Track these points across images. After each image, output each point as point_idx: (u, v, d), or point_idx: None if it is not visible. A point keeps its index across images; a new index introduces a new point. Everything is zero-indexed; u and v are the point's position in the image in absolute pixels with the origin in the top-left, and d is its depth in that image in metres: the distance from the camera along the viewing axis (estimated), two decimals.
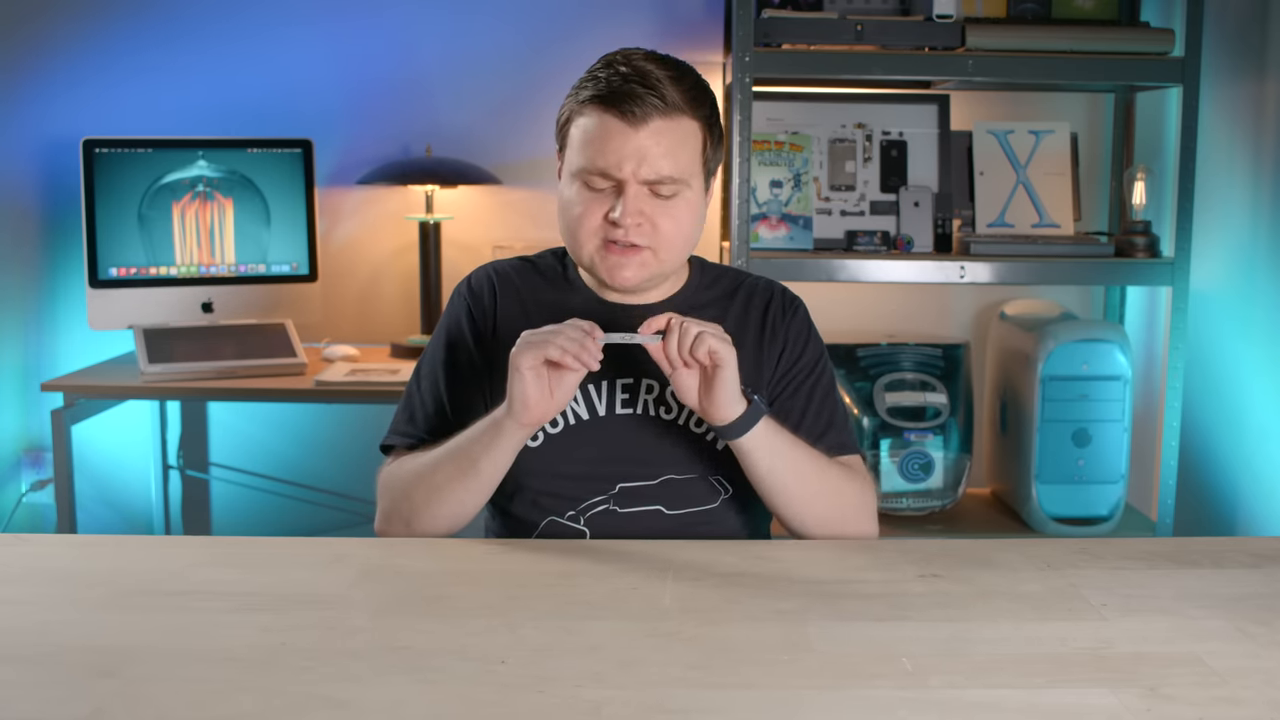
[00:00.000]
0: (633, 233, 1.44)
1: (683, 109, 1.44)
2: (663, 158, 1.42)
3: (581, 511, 1.48)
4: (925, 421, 2.69)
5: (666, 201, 1.45)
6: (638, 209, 1.43)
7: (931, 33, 2.56)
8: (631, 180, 1.43)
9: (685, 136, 1.44)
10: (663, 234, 1.45)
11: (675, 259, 1.50)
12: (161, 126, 2.91)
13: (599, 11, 2.96)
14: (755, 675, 1.05)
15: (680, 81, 1.44)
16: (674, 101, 1.43)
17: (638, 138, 1.42)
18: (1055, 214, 2.74)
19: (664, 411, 1.50)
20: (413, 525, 1.49)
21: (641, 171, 1.42)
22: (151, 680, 1.03)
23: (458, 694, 1.01)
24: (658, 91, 1.42)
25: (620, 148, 1.42)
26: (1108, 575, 1.31)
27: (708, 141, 1.48)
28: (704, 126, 1.47)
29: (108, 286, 2.72)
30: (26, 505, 3.03)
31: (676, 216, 1.46)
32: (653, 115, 1.42)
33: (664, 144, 1.42)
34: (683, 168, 1.44)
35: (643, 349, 1.42)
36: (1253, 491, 2.52)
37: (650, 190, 1.44)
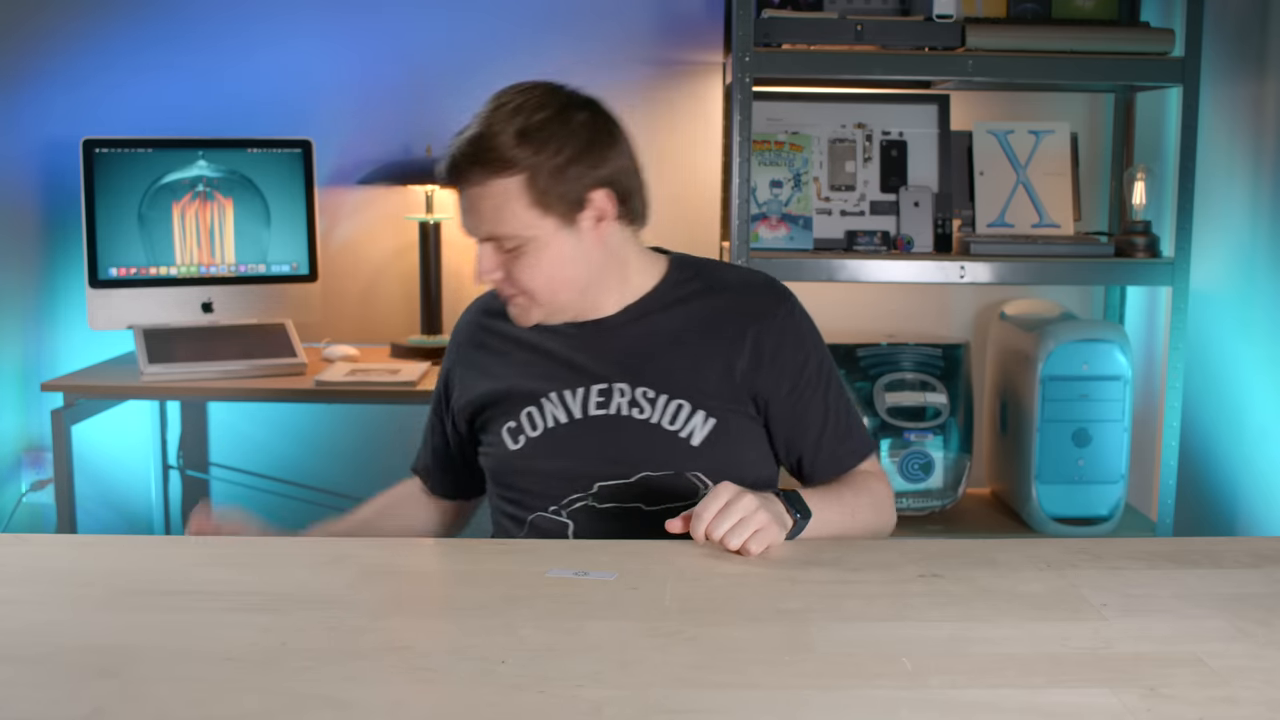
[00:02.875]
0: (498, 286, 1.51)
1: (494, 168, 1.45)
2: (484, 221, 1.47)
3: (564, 506, 1.54)
4: (925, 421, 2.69)
5: (513, 254, 1.48)
6: (486, 267, 1.50)
7: (931, 33, 2.56)
8: (477, 240, 1.50)
9: (499, 195, 1.45)
10: (521, 284, 1.50)
11: (559, 299, 1.52)
12: (161, 126, 2.91)
13: (599, 11, 2.96)
14: (756, 675, 1.05)
15: (497, 136, 1.45)
16: (484, 164, 1.45)
17: (463, 203, 1.49)
18: (1055, 214, 2.74)
19: (637, 412, 1.53)
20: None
21: (475, 233, 1.49)
22: (151, 680, 1.03)
23: (458, 694, 1.01)
24: (469, 155, 1.46)
25: (459, 213, 1.51)
26: (1108, 575, 1.31)
27: (536, 190, 1.45)
28: (525, 178, 1.45)
29: (108, 286, 2.72)
30: (26, 505, 3.03)
31: (530, 266, 1.48)
32: (465, 183, 1.47)
33: (481, 208, 1.47)
34: (507, 223, 1.46)
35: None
36: (1253, 491, 2.52)
37: (495, 247, 1.49)
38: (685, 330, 1.55)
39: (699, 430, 1.52)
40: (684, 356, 1.54)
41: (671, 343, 1.55)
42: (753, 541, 1.36)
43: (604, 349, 1.55)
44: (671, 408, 1.52)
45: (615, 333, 1.56)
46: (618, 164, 1.51)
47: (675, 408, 1.52)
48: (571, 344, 1.56)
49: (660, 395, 1.52)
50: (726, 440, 1.53)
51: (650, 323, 1.56)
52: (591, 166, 1.49)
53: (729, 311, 1.56)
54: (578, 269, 1.51)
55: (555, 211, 1.47)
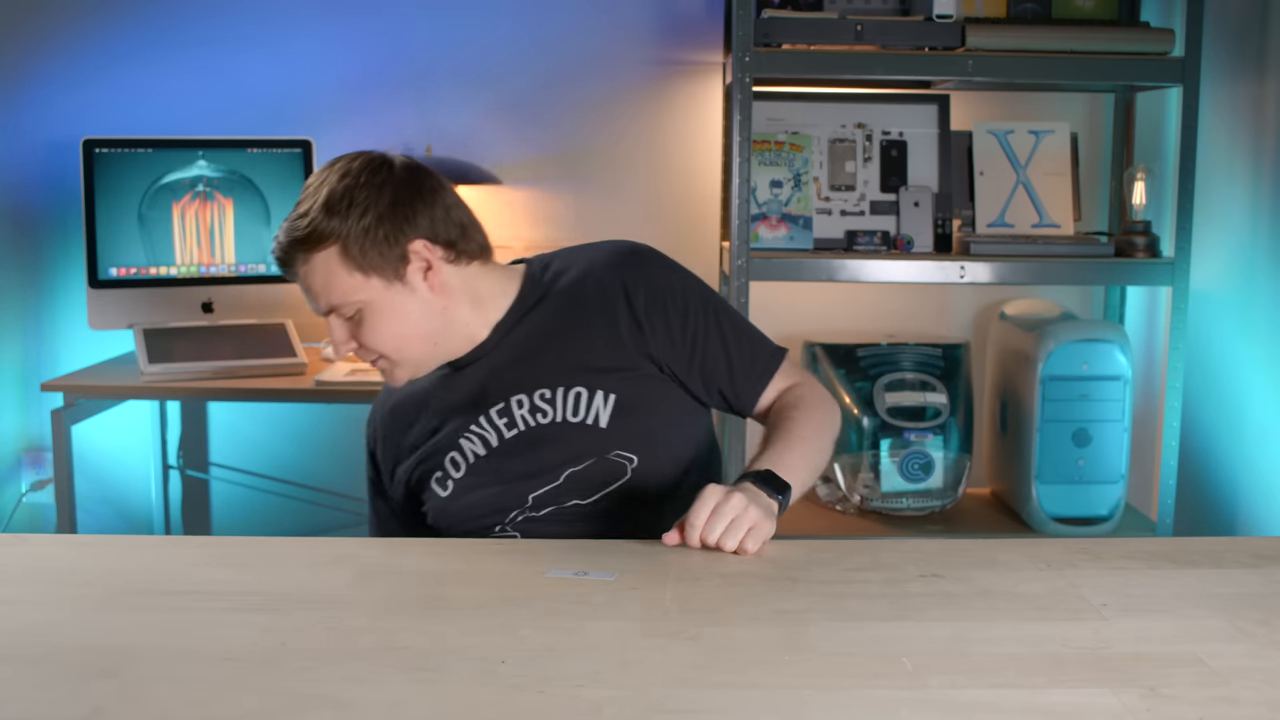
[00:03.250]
0: (358, 354, 1.55)
1: (309, 246, 1.50)
2: (316, 295, 1.52)
3: (508, 523, 1.57)
4: (925, 421, 2.69)
5: (355, 321, 1.52)
6: (338, 339, 1.54)
7: (931, 33, 2.56)
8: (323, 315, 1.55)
9: (320, 269, 1.50)
10: (374, 347, 1.54)
11: (413, 353, 1.55)
12: (161, 126, 2.91)
13: (599, 11, 2.96)
14: (756, 675, 1.05)
15: (306, 215, 1.50)
16: (300, 241, 1.50)
17: (300, 283, 1.54)
18: (1055, 214, 2.75)
19: (541, 417, 1.55)
20: None
21: (316, 310, 1.54)
22: (151, 680, 1.03)
23: (458, 694, 1.01)
24: (286, 243, 1.51)
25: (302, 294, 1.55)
26: (1108, 575, 1.31)
27: (351, 257, 1.49)
28: (338, 246, 1.49)
29: (108, 286, 2.72)
30: (26, 505, 3.03)
31: (373, 329, 1.52)
32: (289, 268, 1.53)
33: (310, 285, 1.52)
34: (337, 292, 1.50)
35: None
36: (1253, 491, 2.52)
37: (339, 318, 1.53)
38: (555, 321, 1.58)
39: (603, 411, 1.54)
40: (563, 345, 1.57)
41: (547, 338, 1.58)
42: (748, 540, 1.37)
43: (490, 374, 1.58)
44: (571, 399, 1.55)
45: (491, 355, 1.58)
46: (430, 213, 1.54)
47: (575, 397, 1.55)
48: (460, 382, 1.60)
49: (556, 390, 1.55)
50: (633, 410, 1.54)
51: (520, 331, 1.58)
52: (402, 222, 1.52)
53: (591, 287, 1.58)
54: (421, 321, 1.54)
55: (377, 272, 1.51)
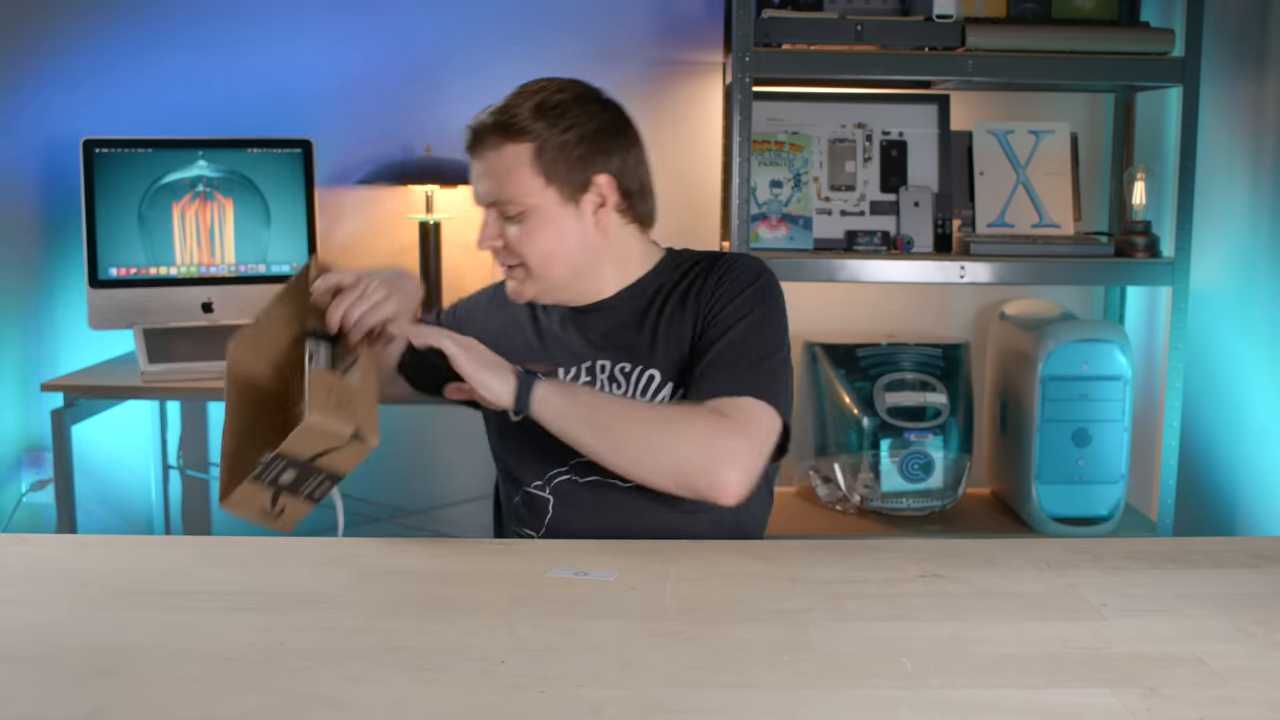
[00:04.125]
0: (500, 255, 1.59)
1: (509, 134, 1.56)
2: (491, 185, 1.57)
3: (546, 481, 1.60)
4: (925, 421, 2.69)
5: (515, 222, 1.57)
6: (487, 234, 1.58)
7: (931, 33, 2.56)
8: (481, 205, 1.59)
9: (509, 159, 1.56)
10: (521, 254, 1.57)
11: (554, 274, 1.59)
12: (161, 126, 2.91)
13: (599, 11, 2.96)
14: (756, 675, 1.05)
15: (523, 104, 1.58)
16: (501, 129, 1.56)
17: (475, 169, 1.59)
18: (1055, 214, 2.75)
19: (615, 387, 1.59)
20: None
21: (479, 196, 1.59)
22: (151, 680, 1.03)
23: (458, 694, 1.01)
24: (488, 123, 1.58)
25: (473, 180, 1.61)
26: (1108, 575, 1.31)
27: (543, 161, 1.55)
28: (534, 148, 1.55)
29: (108, 286, 2.72)
30: (26, 505, 3.03)
31: (530, 235, 1.56)
32: (479, 147, 1.58)
33: (491, 172, 1.57)
34: (514, 188, 1.55)
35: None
36: (1253, 491, 2.52)
37: (499, 213, 1.57)
38: (664, 306, 1.61)
39: (666, 400, 1.57)
40: (658, 329, 1.60)
41: (650, 318, 1.61)
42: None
43: (593, 330, 1.62)
44: (644, 380, 1.58)
45: (605, 315, 1.62)
46: (625, 157, 1.60)
47: (647, 379, 1.58)
48: (565, 326, 1.64)
49: (635, 368, 1.58)
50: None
51: (636, 304, 1.63)
52: (598, 151, 1.58)
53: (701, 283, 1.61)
54: (573, 248, 1.58)
55: (558, 186, 1.56)
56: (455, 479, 3.03)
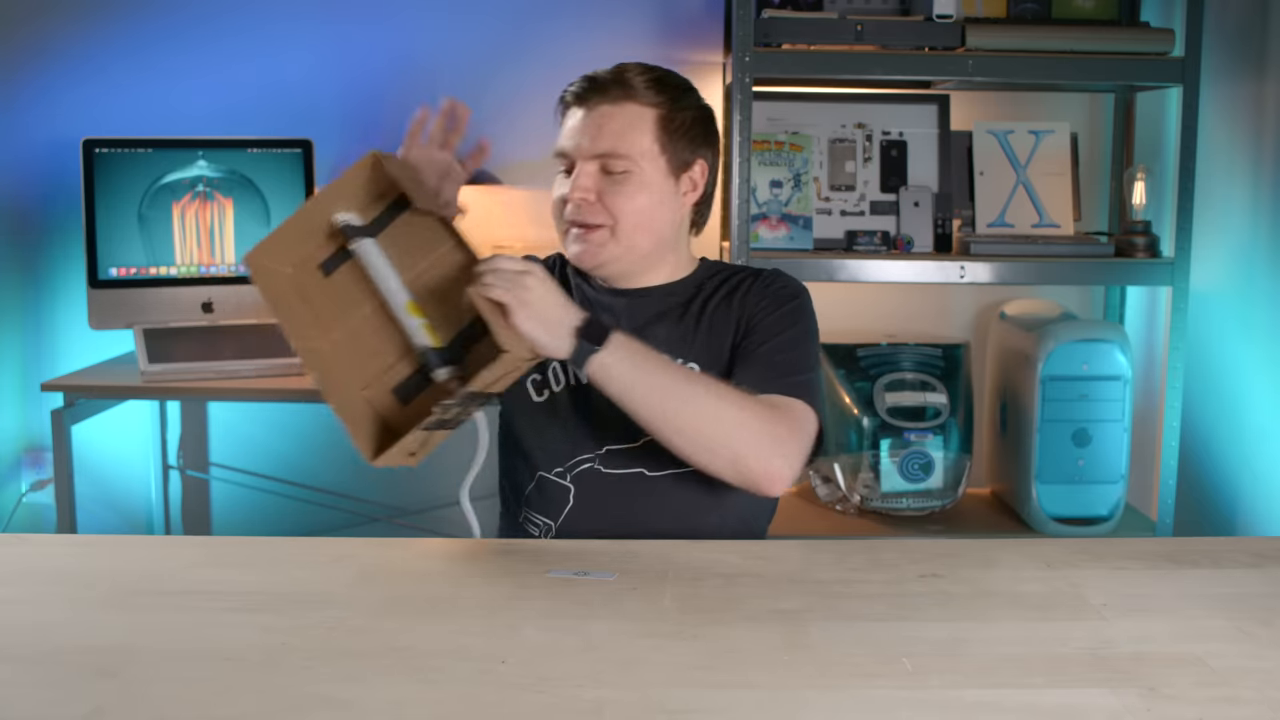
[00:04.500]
0: (584, 210, 1.54)
1: (636, 95, 1.56)
2: (609, 135, 1.54)
3: (569, 468, 1.56)
4: (925, 421, 2.69)
5: (618, 179, 1.54)
6: (584, 185, 1.54)
7: (931, 33, 2.56)
8: (579, 156, 1.55)
9: (634, 119, 1.55)
10: (615, 212, 1.54)
11: (638, 241, 1.57)
12: (161, 126, 2.91)
13: (600, 12, 2.96)
14: (755, 675, 1.05)
15: (642, 75, 1.58)
16: (628, 88, 1.56)
17: (587, 119, 1.56)
18: (1055, 214, 2.75)
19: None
20: None
21: (589, 148, 1.54)
22: (151, 680, 1.03)
23: (458, 694, 1.01)
24: (610, 79, 1.56)
25: (574, 128, 1.57)
26: (1108, 575, 1.31)
27: (664, 128, 1.57)
28: (659, 114, 1.57)
29: (108, 286, 2.72)
30: (26, 505, 3.03)
31: (629, 195, 1.54)
32: (601, 100, 1.55)
33: (611, 124, 1.54)
34: (629, 146, 1.54)
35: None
36: (1253, 491, 2.52)
37: (600, 168, 1.54)
38: (707, 304, 1.61)
39: None
40: (700, 323, 1.59)
41: (692, 312, 1.61)
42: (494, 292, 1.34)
43: (636, 315, 1.60)
44: None
45: (649, 302, 1.62)
46: (715, 155, 1.65)
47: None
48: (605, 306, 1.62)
49: (675, 360, 1.52)
50: None
51: (679, 298, 1.62)
52: (705, 138, 1.63)
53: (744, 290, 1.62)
54: (662, 221, 1.59)
55: (669, 157, 1.57)
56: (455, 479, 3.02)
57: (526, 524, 1.60)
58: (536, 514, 1.59)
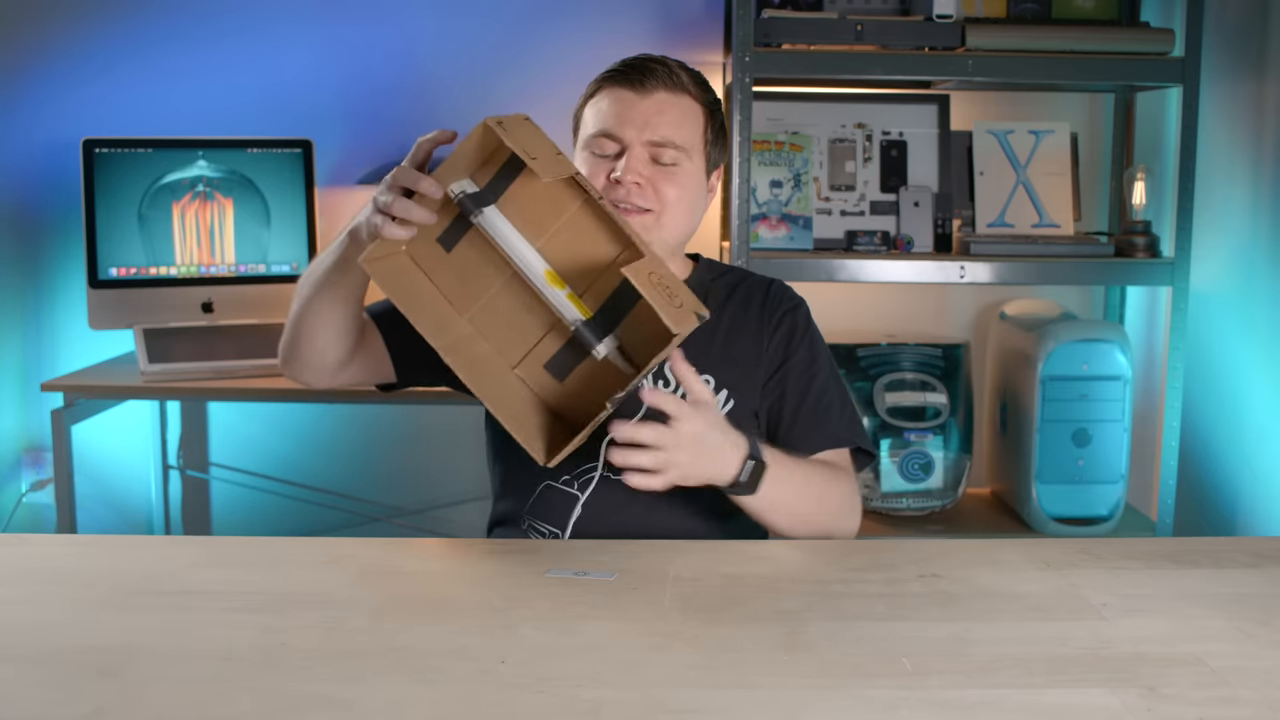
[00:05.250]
0: (634, 193, 1.53)
1: (688, 89, 1.56)
2: (667, 124, 1.53)
3: (576, 476, 1.55)
4: (925, 421, 2.69)
5: (668, 168, 1.54)
6: (638, 169, 1.52)
7: (931, 33, 2.56)
8: (635, 142, 1.53)
9: (688, 112, 1.56)
10: (664, 199, 1.54)
11: (676, 230, 1.57)
12: (161, 126, 2.91)
13: (599, 12, 2.96)
14: (755, 675, 1.05)
15: (687, 70, 1.59)
16: (680, 81, 1.56)
17: (644, 104, 1.54)
18: (1055, 214, 2.75)
19: (662, 384, 1.56)
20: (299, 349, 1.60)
21: (645, 133, 1.53)
22: (151, 680, 1.03)
23: (458, 694, 1.01)
24: (666, 68, 1.56)
25: (626, 111, 1.54)
26: (1108, 575, 1.31)
27: (709, 127, 1.58)
28: (706, 112, 1.58)
29: (108, 286, 2.72)
30: (26, 505, 3.03)
31: (680, 184, 1.55)
32: (659, 87, 1.54)
33: (669, 113, 1.54)
34: (685, 137, 1.54)
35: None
36: (1253, 491, 2.52)
37: (652, 155, 1.53)
38: (720, 312, 1.60)
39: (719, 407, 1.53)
40: (716, 337, 1.58)
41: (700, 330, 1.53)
42: (639, 477, 1.33)
43: None
44: None
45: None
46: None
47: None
48: None
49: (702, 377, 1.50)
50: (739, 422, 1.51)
51: None
52: (724, 146, 1.64)
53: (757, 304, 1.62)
54: (696, 216, 1.60)
55: (707, 155, 1.59)
56: (455, 479, 3.03)
57: (530, 531, 1.58)
58: (542, 522, 1.57)
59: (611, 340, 1.36)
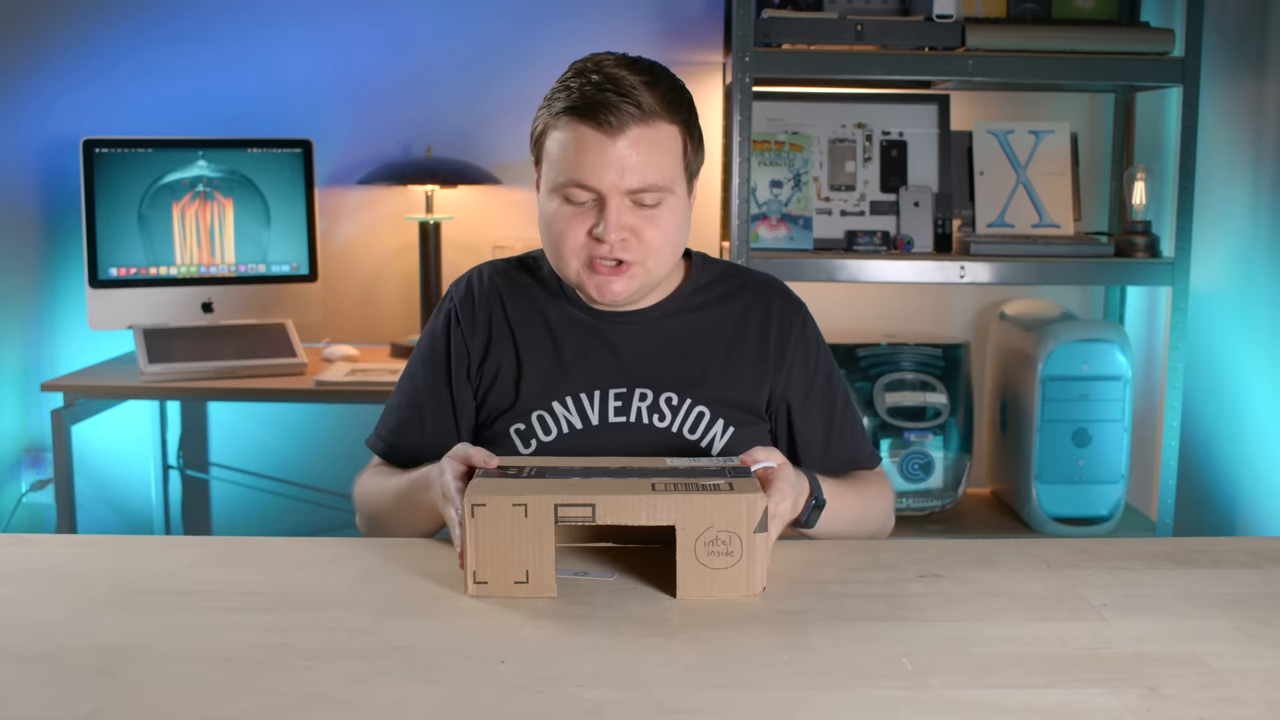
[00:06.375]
0: (618, 249, 1.40)
1: (659, 114, 1.38)
2: (643, 167, 1.38)
3: None
4: (925, 421, 2.69)
5: (650, 211, 1.41)
6: (621, 223, 1.39)
7: (931, 33, 2.56)
8: (613, 193, 1.38)
9: (664, 142, 1.40)
10: (649, 245, 1.42)
11: (663, 268, 1.46)
12: (161, 126, 2.91)
13: (599, 11, 2.96)
14: (755, 675, 1.05)
15: (655, 86, 1.39)
16: (650, 107, 1.38)
17: (615, 148, 1.37)
18: (1055, 214, 2.75)
19: (658, 419, 1.48)
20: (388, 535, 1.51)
21: (623, 182, 1.38)
22: (151, 680, 1.03)
23: (458, 694, 1.01)
24: (632, 99, 1.36)
25: (598, 160, 1.37)
26: (1108, 575, 1.31)
27: (688, 145, 1.43)
28: (683, 130, 1.42)
29: (108, 286, 2.72)
30: (26, 505, 3.03)
31: (662, 225, 1.41)
32: (629, 124, 1.37)
33: (643, 152, 1.38)
34: (665, 175, 1.40)
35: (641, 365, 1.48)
36: (1253, 491, 2.52)
37: (633, 201, 1.40)
38: (714, 334, 1.51)
39: (718, 440, 1.47)
40: (709, 364, 1.50)
41: (699, 346, 1.50)
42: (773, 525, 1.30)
43: (626, 347, 1.49)
44: (693, 415, 1.47)
45: (639, 331, 1.50)
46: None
47: (696, 415, 1.47)
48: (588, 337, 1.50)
49: (683, 402, 1.47)
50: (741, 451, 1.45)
51: (680, 322, 1.51)
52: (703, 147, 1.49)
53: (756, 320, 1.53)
54: (684, 239, 1.47)
55: (688, 173, 1.45)
56: None
57: None
58: None
59: None
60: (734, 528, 1.22)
